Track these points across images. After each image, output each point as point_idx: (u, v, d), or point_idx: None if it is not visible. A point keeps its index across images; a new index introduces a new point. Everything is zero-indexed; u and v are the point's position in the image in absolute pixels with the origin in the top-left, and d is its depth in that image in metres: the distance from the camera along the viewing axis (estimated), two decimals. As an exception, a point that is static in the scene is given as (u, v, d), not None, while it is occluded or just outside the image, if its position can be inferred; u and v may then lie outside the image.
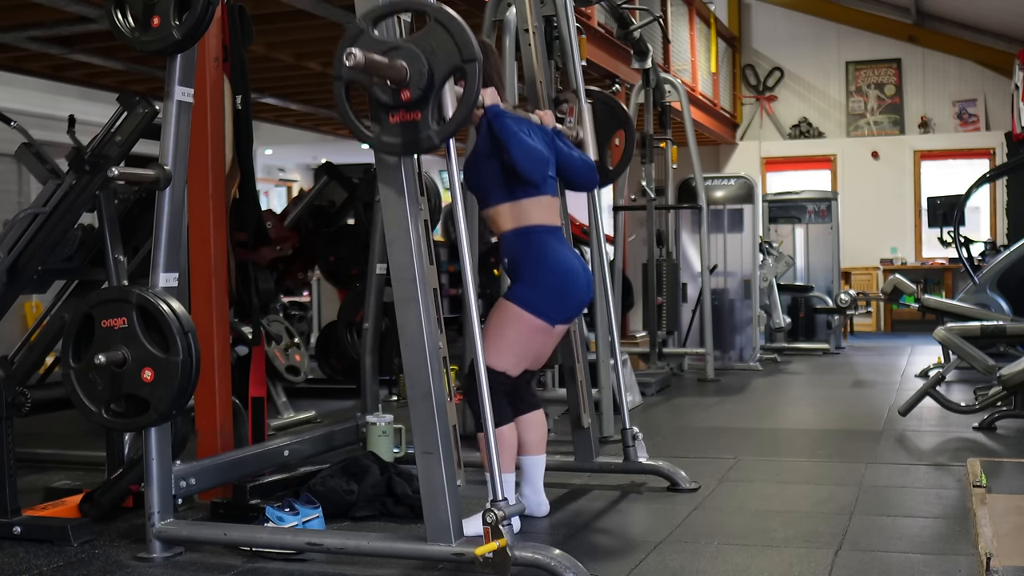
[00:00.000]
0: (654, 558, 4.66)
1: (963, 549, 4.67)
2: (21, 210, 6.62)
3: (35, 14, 8.15)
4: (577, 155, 5.49)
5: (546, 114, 5.53)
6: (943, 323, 9.77)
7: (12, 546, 4.96)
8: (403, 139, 4.21)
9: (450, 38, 4.10)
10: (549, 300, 5.07)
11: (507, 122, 4.94)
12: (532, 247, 5.08)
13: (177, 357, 4.51)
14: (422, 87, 4.12)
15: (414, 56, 4.13)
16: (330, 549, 4.60)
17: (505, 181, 5.07)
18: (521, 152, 4.90)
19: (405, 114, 4.18)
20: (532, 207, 5.11)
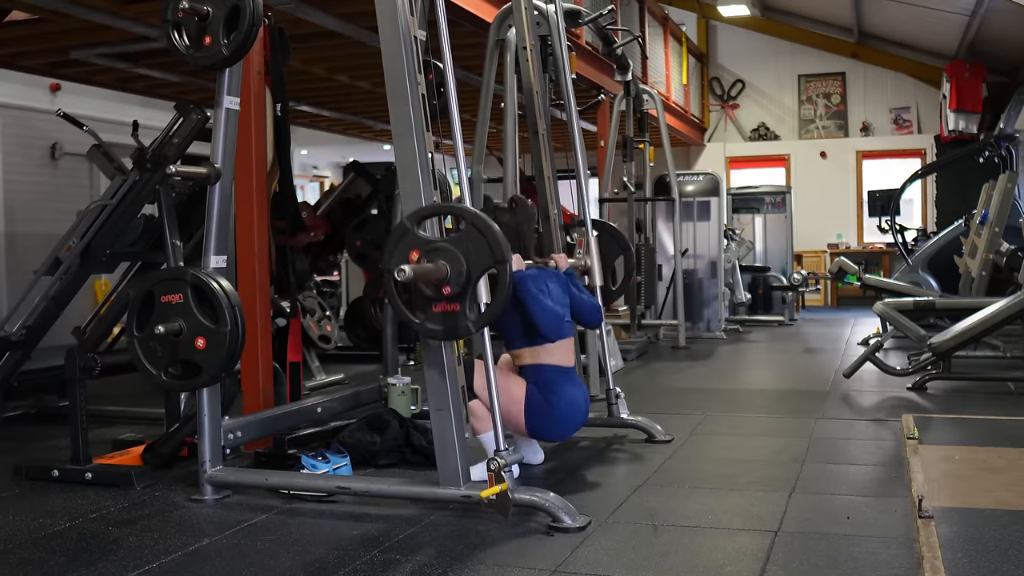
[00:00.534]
0: (634, 499, 4.65)
1: (899, 492, 4.66)
2: (92, 202, 6.61)
3: (104, 34, 8.12)
4: (587, 300, 5.54)
5: (560, 258, 5.62)
6: (881, 299, 9.77)
7: (84, 489, 4.96)
8: (444, 326, 4.24)
9: (484, 241, 4.11)
10: (547, 422, 5.11)
11: (528, 286, 5.00)
12: (550, 383, 5.11)
13: (226, 328, 4.51)
14: (461, 284, 4.15)
15: (454, 257, 4.14)
16: (357, 492, 4.61)
17: (528, 331, 5.11)
18: (542, 315, 4.99)
19: (446, 305, 4.21)
20: (552, 349, 5.15)
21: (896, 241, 13.18)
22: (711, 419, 6.73)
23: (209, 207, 4.83)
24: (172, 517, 4.48)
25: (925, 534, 3.81)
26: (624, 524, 4.25)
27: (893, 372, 8.12)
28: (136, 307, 4.68)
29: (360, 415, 5.91)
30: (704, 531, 4.15)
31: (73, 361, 5.12)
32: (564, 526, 4.14)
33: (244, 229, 5.61)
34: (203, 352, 4.55)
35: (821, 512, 4.41)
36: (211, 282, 4.56)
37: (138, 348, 4.66)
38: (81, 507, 4.65)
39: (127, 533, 4.22)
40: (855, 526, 4.14)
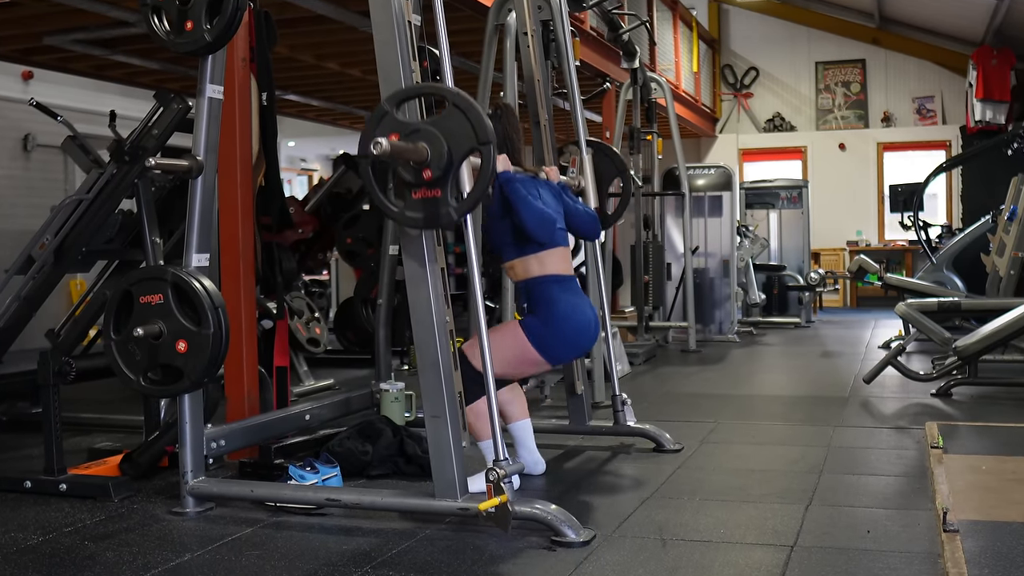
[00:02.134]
0: (641, 512, 4.65)
1: (922, 504, 4.66)
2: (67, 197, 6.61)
3: (80, 19, 8.12)
4: (583, 209, 5.50)
5: (552, 170, 5.54)
6: (904, 299, 9.76)
7: (58, 501, 4.96)
8: (425, 214, 4.22)
9: (467, 121, 4.10)
10: (557, 343, 5.06)
11: (517, 187, 4.95)
12: (545, 295, 5.07)
13: (208, 330, 4.50)
14: (442, 167, 4.13)
15: (435, 138, 4.12)
16: (347, 504, 4.60)
17: (518, 238, 5.07)
18: (530, 215, 4.93)
19: (427, 191, 4.19)
20: (545, 259, 5.10)
21: (919, 238, 13.21)
22: (723, 427, 6.73)
23: (191, 202, 4.82)
24: (151, 531, 4.48)
25: (950, 549, 3.81)
26: (631, 538, 4.25)
27: (916, 377, 8.12)
28: (113, 308, 4.68)
29: (351, 423, 5.90)
30: (716, 546, 4.15)
31: (47, 365, 5.12)
32: (567, 540, 4.14)
33: (228, 226, 5.61)
34: (184, 356, 4.55)
35: (840, 526, 4.41)
36: (193, 282, 4.56)
37: (115, 352, 4.66)
38: (55, 520, 4.65)
39: (104, 548, 4.22)
40: (876, 540, 4.14)
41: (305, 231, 9.62)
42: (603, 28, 10.92)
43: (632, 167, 11.15)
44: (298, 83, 11.56)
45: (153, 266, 5.75)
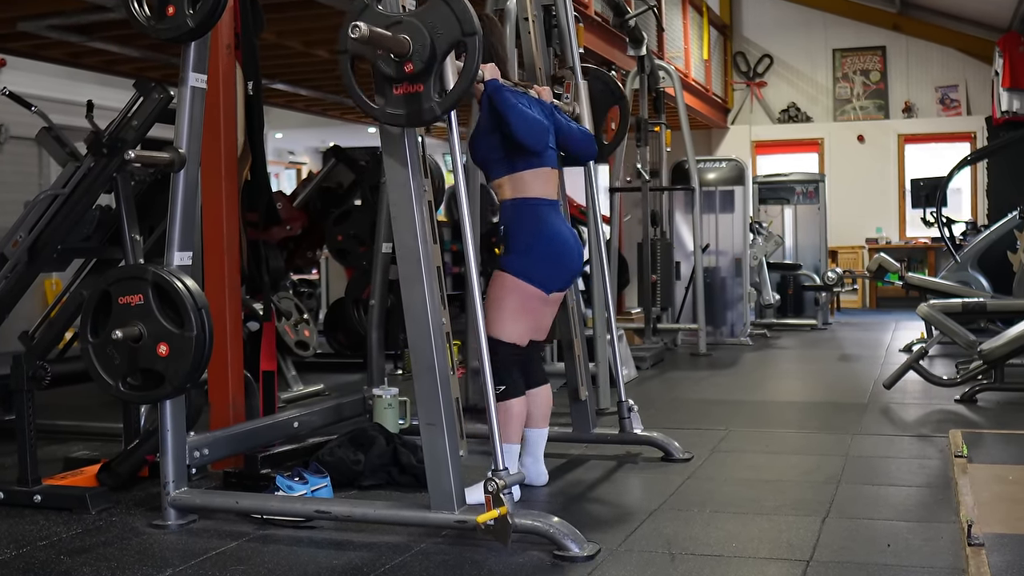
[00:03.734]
0: (649, 525, 4.66)
1: (945, 517, 4.66)
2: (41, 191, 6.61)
3: (54, 3, 8.13)
4: (576, 127, 5.49)
5: (544, 90, 5.52)
6: (926, 300, 9.76)
7: (33, 514, 4.96)
8: (407, 110, 4.23)
9: (451, 13, 4.13)
10: (542, 268, 5.07)
11: (505, 95, 4.93)
12: (528, 218, 5.08)
13: (191, 332, 4.51)
14: (424, 60, 4.15)
15: (417, 30, 4.14)
16: (338, 517, 4.61)
17: (506, 154, 5.07)
18: (520, 121, 4.90)
19: (408, 86, 4.20)
20: (531, 179, 5.10)
21: (942, 235, 13.20)
22: (735, 435, 6.74)
23: (172, 197, 4.82)
24: (131, 545, 4.48)
25: (975, 563, 3.81)
26: (638, 552, 4.25)
27: (939, 382, 8.12)
28: (91, 309, 4.69)
29: (342, 430, 5.91)
30: (727, 560, 4.15)
31: (20, 369, 5.12)
32: (570, 555, 4.14)
33: (212, 222, 5.61)
34: (166, 360, 4.55)
35: (858, 539, 4.41)
36: (175, 281, 4.56)
37: (93, 355, 4.66)
38: (29, 533, 4.65)
39: (81, 563, 4.22)
40: (896, 555, 4.15)
41: (293, 228, 9.61)
42: (608, 13, 10.93)
43: (640, 160, 11.17)
44: (286, 71, 11.56)
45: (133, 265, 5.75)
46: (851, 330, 14.16)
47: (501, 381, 4.78)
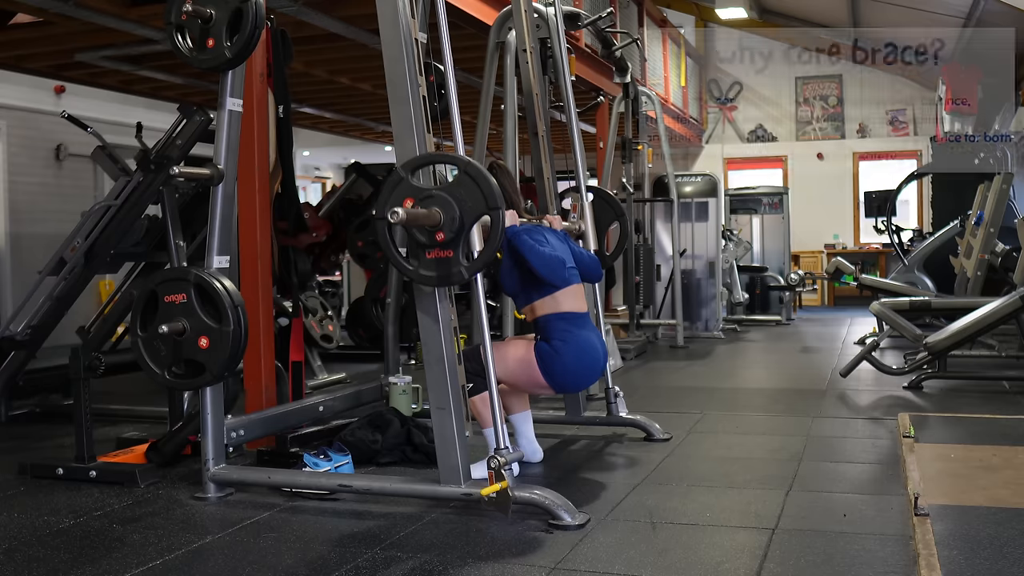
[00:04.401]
0: (633, 497, 4.65)
1: (895, 490, 4.66)
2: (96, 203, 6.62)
3: (109, 37, 8.11)
4: (586, 253, 5.51)
5: (554, 220, 5.54)
6: (878, 299, 9.76)
7: (89, 487, 4.96)
8: (437, 273, 4.25)
9: (477, 188, 4.13)
10: (565, 373, 5.05)
11: (524, 238, 4.94)
12: (562, 329, 5.05)
13: (229, 327, 4.51)
14: (454, 230, 4.16)
15: (447, 203, 4.15)
16: (358, 490, 4.61)
17: (533, 284, 5.07)
18: (540, 262, 4.91)
19: (439, 252, 4.22)
20: (560, 298, 5.09)
21: (892, 241, 13.20)
22: (709, 418, 6.73)
23: (212, 208, 4.82)
24: (175, 515, 4.48)
25: (921, 531, 3.81)
26: (623, 522, 4.25)
27: (889, 371, 8.11)
28: (140, 307, 4.68)
29: (362, 414, 5.90)
30: (702, 529, 4.15)
31: (77, 360, 5.12)
32: (564, 524, 4.14)
33: (247, 230, 5.61)
34: (206, 351, 4.55)
35: (818, 510, 4.41)
36: (214, 282, 4.56)
37: (142, 347, 4.66)
38: (85, 505, 4.65)
39: (131, 531, 4.22)
40: (852, 524, 4.14)
41: (319, 235, 9.60)
42: (597, 45, 10.92)
43: (624, 175, 11.16)
44: (312, 97, 11.55)
45: (177, 267, 5.76)
46: (811, 325, 14.15)
47: (470, 380, 4.74)
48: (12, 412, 6.86)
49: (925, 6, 14.23)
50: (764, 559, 3.70)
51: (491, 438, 4.73)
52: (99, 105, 11.69)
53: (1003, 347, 8.97)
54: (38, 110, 11.61)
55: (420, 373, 5.24)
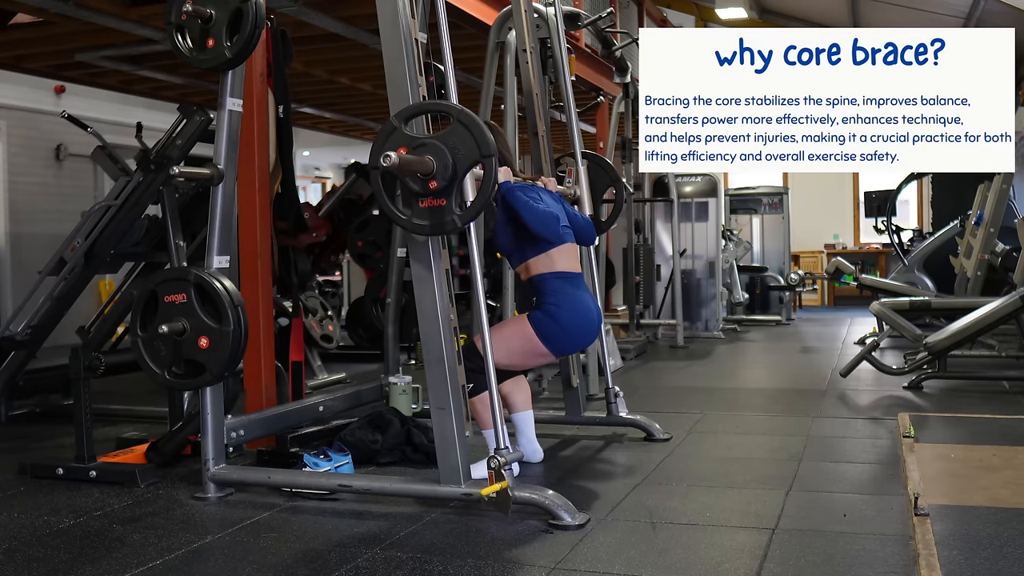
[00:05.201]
0: (633, 497, 4.65)
1: (895, 490, 4.66)
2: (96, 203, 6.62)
3: (109, 37, 8.11)
4: (580, 215, 5.48)
5: (550, 180, 5.54)
6: (878, 299, 9.76)
7: (89, 487, 4.96)
8: (431, 222, 4.24)
9: (471, 136, 4.13)
10: (562, 335, 5.02)
11: (518, 195, 4.92)
12: (554, 290, 5.03)
13: (229, 327, 4.51)
14: (447, 178, 4.16)
15: (440, 151, 4.15)
16: (358, 490, 4.61)
17: (526, 241, 5.05)
18: (534, 218, 4.90)
19: (433, 200, 4.21)
20: (555, 256, 5.07)
21: (892, 242, 13.19)
22: (709, 418, 6.73)
23: (212, 208, 4.82)
24: (175, 515, 4.48)
25: (921, 531, 3.81)
26: (623, 522, 4.25)
27: (889, 371, 8.11)
28: (140, 307, 4.69)
29: (362, 414, 5.90)
30: (702, 529, 4.15)
31: (77, 360, 5.12)
32: (564, 524, 4.14)
33: (247, 230, 5.61)
34: (206, 351, 4.55)
35: (818, 510, 4.41)
36: (214, 282, 4.56)
37: (142, 347, 4.66)
38: (85, 504, 4.65)
39: (131, 530, 4.22)
40: (852, 524, 4.14)
41: (319, 235, 9.61)
42: (597, 45, 10.91)
43: (624, 175, 11.15)
44: (312, 97, 11.55)
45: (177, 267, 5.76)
46: (811, 325, 14.15)
47: (470, 380, 4.73)
48: (12, 412, 6.86)
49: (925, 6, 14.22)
50: (764, 559, 3.70)
51: (491, 439, 4.73)
52: (99, 105, 11.70)
53: (1003, 347, 8.97)
54: (38, 110, 11.62)
55: (420, 373, 5.24)
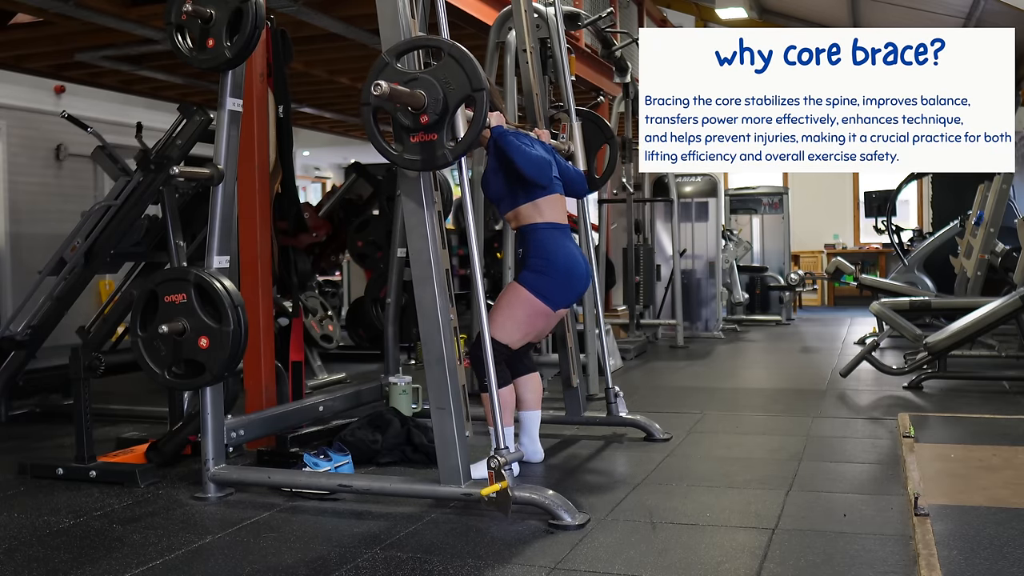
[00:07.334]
0: (633, 497, 4.65)
1: (895, 490, 4.66)
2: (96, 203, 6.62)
3: (109, 37, 8.12)
4: (572, 168, 5.49)
5: (543, 132, 5.52)
6: (878, 299, 9.76)
7: (89, 487, 4.96)
8: (422, 157, 4.24)
9: (462, 70, 4.14)
10: (554, 288, 5.04)
11: (509, 138, 4.91)
12: (542, 242, 5.05)
13: (229, 327, 4.51)
14: (438, 112, 4.16)
15: (431, 86, 4.15)
16: (358, 490, 4.61)
17: (517, 188, 5.05)
18: (525, 161, 4.87)
19: (424, 135, 4.21)
20: (543, 206, 5.08)
21: (892, 242, 13.19)
22: (709, 418, 6.73)
23: (212, 208, 4.82)
24: (175, 515, 4.48)
25: (921, 531, 3.81)
26: (623, 522, 4.25)
27: (889, 371, 8.11)
28: (140, 307, 4.69)
29: (362, 414, 5.90)
30: (702, 528, 4.15)
31: (78, 360, 5.12)
32: (564, 524, 4.14)
33: (247, 230, 5.61)
34: (206, 351, 4.55)
35: (818, 510, 4.41)
36: (214, 282, 4.56)
37: (142, 347, 4.66)
38: (85, 504, 4.65)
39: (131, 530, 4.22)
40: (852, 524, 4.15)
41: (319, 235, 9.61)
42: (597, 45, 10.92)
43: (624, 175, 11.16)
44: (312, 97, 11.56)
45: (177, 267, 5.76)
46: (811, 325, 14.15)
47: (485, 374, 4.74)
48: (12, 412, 6.86)
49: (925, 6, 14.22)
50: (764, 559, 3.70)
51: (501, 435, 4.73)
52: (99, 105, 11.70)
53: (1003, 347, 8.96)
54: (38, 110, 11.61)
55: (420, 373, 5.25)
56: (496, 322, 4.96)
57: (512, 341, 5.02)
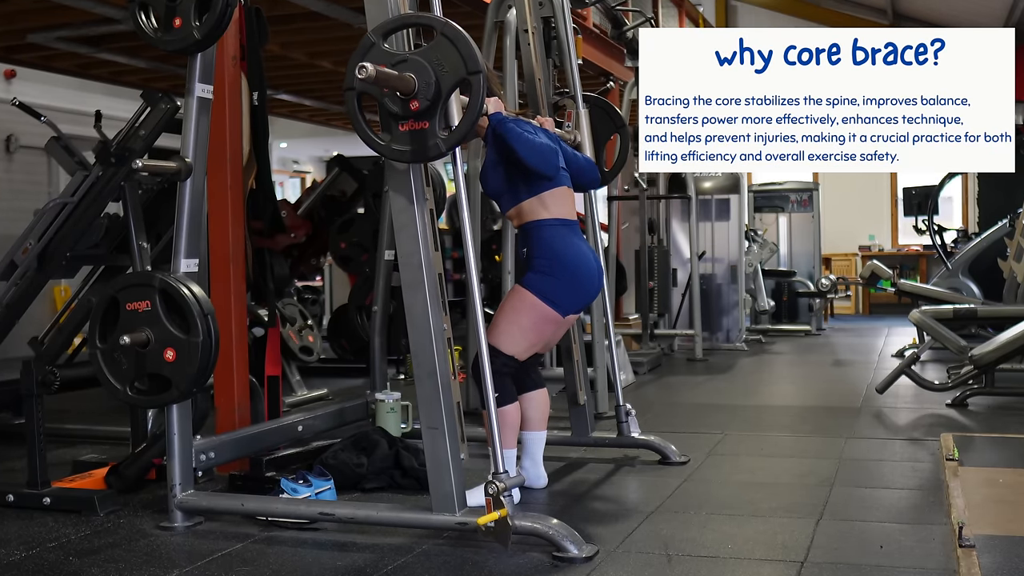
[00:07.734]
0: (646, 527, 4.66)
1: (937, 519, 4.66)
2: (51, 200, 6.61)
3: (64, 15, 8.13)
4: (582, 156, 5.48)
5: (546, 120, 5.51)
6: (918, 306, 9.77)
7: (42, 516, 4.96)
8: (412, 147, 4.22)
9: (456, 51, 4.12)
10: (563, 291, 5.03)
11: (510, 126, 4.90)
12: (548, 240, 5.04)
13: (197, 338, 4.51)
14: (430, 98, 4.14)
15: (422, 68, 4.14)
16: (341, 519, 4.61)
17: (519, 181, 5.04)
18: (528, 149, 4.86)
19: (414, 123, 4.20)
20: (548, 200, 5.07)
21: (934, 243, 13.20)
22: (731, 439, 6.73)
23: (179, 205, 4.83)
24: (138, 546, 4.48)
25: (966, 564, 3.81)
26: (635, 554, 4.25)
27: (931, 387, 8.12)
28: (99, 315, 4.69)
29: (345, 434, 5.91)
30: (723, 562, 4.15)
31: (30, 375, 5.12)
32: (569, 556, 4.14)
33: (218, 230, 5.61)
34: (172, 365, 4.55)
35: (852, 541, 4.41)
36: (181, 288, 4.56)
37: (101, 360, 4.66)
38: (39, 535, 4.65)
39: (89, 564, 4.22)
40: (889, 556, 4.15)
41: (298, 235, 9.61)
42: (606, 25, 10.92)
43: (635, 168, 11.17)
44: (290, 82, 11.56)
45: (140, 272, 5.75)
46: (844, 336, 14.16)
47: (494, 389, 4.75)
48: (-43, 432, 6.86)
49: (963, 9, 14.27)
50: (792, 595, 3.71)
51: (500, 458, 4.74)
52: (54, 91, 11.71)
53: (1057, 360, 8.97)
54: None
55: (410, 389, 5.25)
56: (499, 331, 4.96)
57: (518, 352, 5.02)
